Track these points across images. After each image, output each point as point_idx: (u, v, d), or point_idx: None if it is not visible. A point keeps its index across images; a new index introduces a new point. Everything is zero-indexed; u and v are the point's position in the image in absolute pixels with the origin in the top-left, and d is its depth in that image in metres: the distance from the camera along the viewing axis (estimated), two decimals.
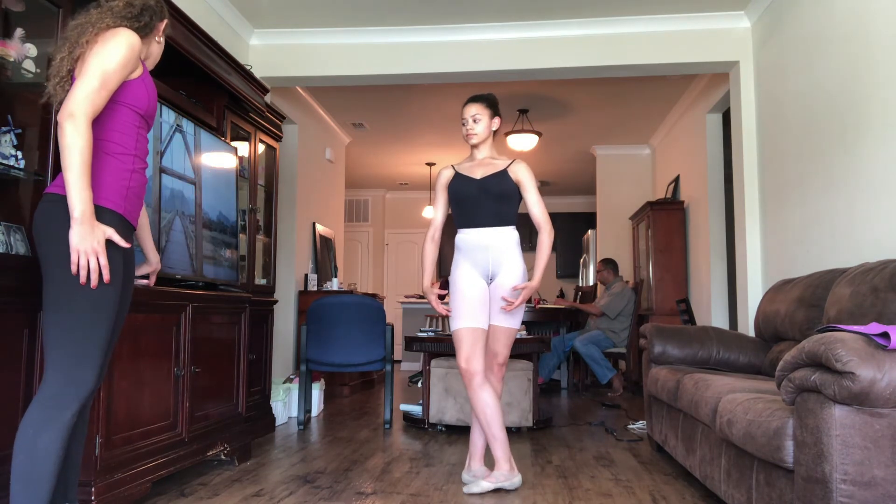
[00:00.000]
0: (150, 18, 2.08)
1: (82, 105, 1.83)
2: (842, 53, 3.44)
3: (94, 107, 1.87)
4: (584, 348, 6.51)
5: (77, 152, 1.81)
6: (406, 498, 2.85)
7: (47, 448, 1.80)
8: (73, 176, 1.80)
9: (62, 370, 1.84)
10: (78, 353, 1.86)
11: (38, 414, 1.82)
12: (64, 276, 1.85)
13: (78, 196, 1.81)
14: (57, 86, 1.96)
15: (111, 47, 1.92)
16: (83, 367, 1.86)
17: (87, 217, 1.82)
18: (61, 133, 1.82)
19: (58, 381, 1.84)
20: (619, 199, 8.31)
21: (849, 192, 3.37)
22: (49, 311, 1.88)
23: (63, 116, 1.82)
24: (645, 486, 3.05)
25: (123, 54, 1.93)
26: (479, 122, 3.09)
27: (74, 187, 1.81)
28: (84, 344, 1.87)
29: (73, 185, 1.81)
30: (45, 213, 1.91)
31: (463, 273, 3.03)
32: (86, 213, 1.82)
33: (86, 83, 1.86)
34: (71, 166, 1.81)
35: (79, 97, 1.84)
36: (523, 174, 3.09)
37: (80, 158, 1.81)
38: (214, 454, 3.21)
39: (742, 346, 3.58)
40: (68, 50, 1.95)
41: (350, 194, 10.72)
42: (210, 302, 3.26)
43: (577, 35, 4.89)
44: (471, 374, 2.94)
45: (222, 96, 3.80)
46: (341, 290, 6.47)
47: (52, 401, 1.83)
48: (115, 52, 1.92)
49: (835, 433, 1.73)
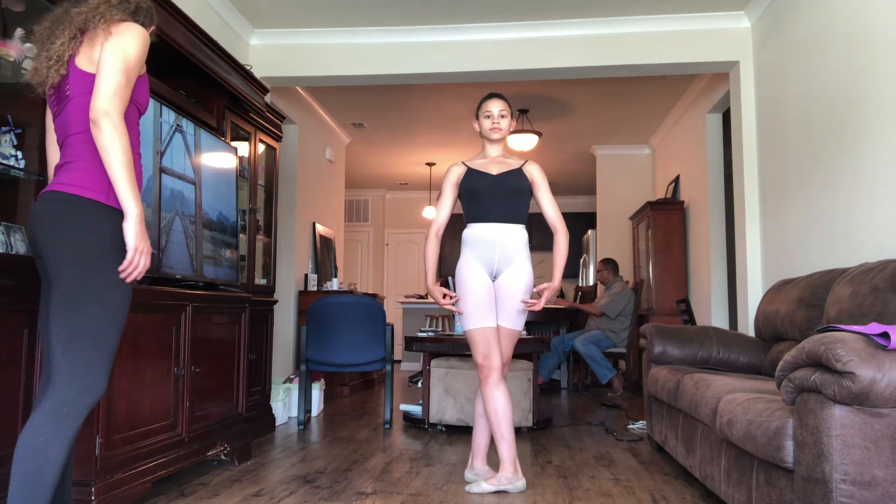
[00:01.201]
0: (143, 19, 2.05)
1: (115, 102, 1.81)
2: (842, 53, 3.44)
3: (124, 103, 1.85)
4: (584, 348, 6.51)
5: (120, 151, 1.79)
6: (406, 498, 2.85)
7: (57, 457, 1.75)
8: (120, 176, 1.79)
9: (77, 376, 1.79)
10: (93, 358, 1.81)
11: (50, 422, 1.75)
12: (80, 279, 1.81)
13: (130, 195, 1.81)
14: (51, 69, 1.89)
15: (128, 40, 1.89)
16: (97, 374, 1.82)
17: (142, 217, 1.83)
18: (98, 133, 1.79)
19: (73, 388, 1.78)
20: (619, 199, 8.31)
21: (849, 192, 3.37)
22: (62, 314, 1.81)
23: (98, 115, 1.79)
24: (645, 486, 3.05)
25: (141, 48, 1.92)
26: (505, 117, 3.12)
27: (124, 187, 1.80)
28: (100, 349, 1.82)
29: (123, 186, 1.80)
30: (55, 213, 1.84)
31: (470, 269, 3.02)
32: (141, 213, 1.82)
33: (112, 78, 1.82)
34: (116, 166, 1.79)
35: (108, 93, 1.81)
36: (537, 175, 3.12)
37: (125, 157, 1.80)
38: (214, 454, 3.21)
39: (742, 346, 3.58)
40: (69, 36, 1.90)
41: (350, 194, 10.72)
42: (210, 302, 3.26)
43: (577, 35, 4.89)
44: (489, 370, 2.94)
45: (222, 96, 3.80)
46: (341, 290, 6.47)
47: (67, 408, 1.77)
48: (133, 46, 1.89)
49: (835, 433, 1.73)
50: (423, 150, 8.59)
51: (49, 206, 1.85)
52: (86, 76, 1.90)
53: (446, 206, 3.17)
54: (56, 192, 1.86)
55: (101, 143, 1.79)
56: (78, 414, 1.78)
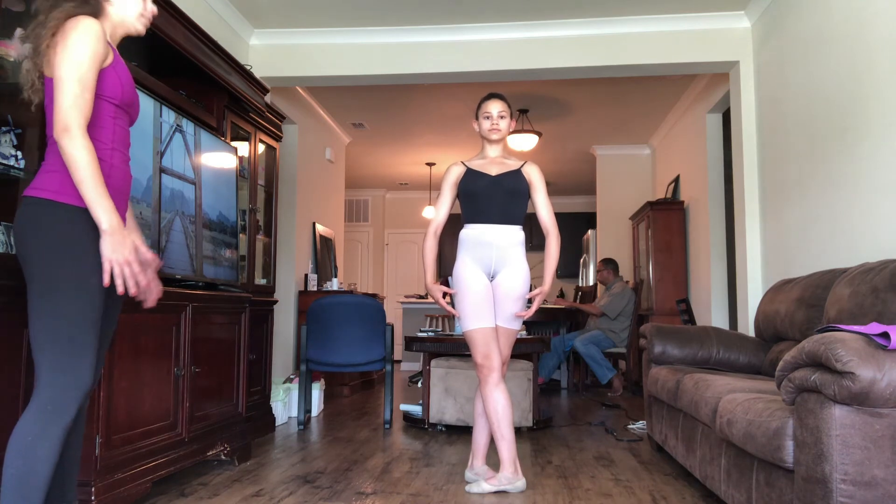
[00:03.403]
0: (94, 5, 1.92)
1: (72, 115, 1.77)
2: (842, 53, 3.44)
3: (84, 113, 1.80)
4: (584, 348, 6.51)
5: (84, 166, 1.77)
6: (406, 498, 2.85)
7: (47, 455, 1.75)
8: (88, 191, 1.77)
9: (56, 374, 1.78)
10: (69, 355, 1.80)
11: (36, 420, 1.76)
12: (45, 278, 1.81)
13: (101, 209, 1.78)
14: (30, 91, 1.90)
15: (75, 42, 1.80)
16: (77, 369, 1.80)
17: (117, 228, 1.81)
18: (62, 151, 1.77)
19: (55, 387, 1.78)
20: (619, 199, 8.31)
21: (849, 192, 3.37)
22: (34, 315, 1.82)
23: (58, 133, 1.77)
24: (645, 486, 3.05)
25: (91, 46, 1.82)
26: (504, 118, 3.12)
27: (94, 202, 1.78)
28: (74, 345, 1.81)
29: (93, 201, 1.78)
30: (25, 217, 1.85)
31: (467, 270, 3.02)
32: (114, 225, 1.80)
33: (67, 91, 1.78)
34: (83, 182, 1.77)
35: (64, 108, 1.77)
36: (536, 176, 3.12)
37: (90, 171, 1.77)
38: (214, 454, 3.21)
39: (742, 346, 3.58)
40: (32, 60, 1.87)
41: (350, 194, 10.72)
42: (210, 302, 3.26)
43: (577, 35, 4.89)
44: (489, 370, 2.94)
45: (222, 96, 3.80)
46: (341, 290, 6.47)
47: (52, 405, 1.77)
48: (81, 47, 1.81)
49: (835, 433, 1.73)
50: (423, 150, 8.59)
51: (22, 210, 1.88)
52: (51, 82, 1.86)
53: (445, 205, 3.17)
54: (29, 196, 1.88)
55: (65, 160, 1.78)
56: (63, 411, 1.78)
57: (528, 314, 3.07)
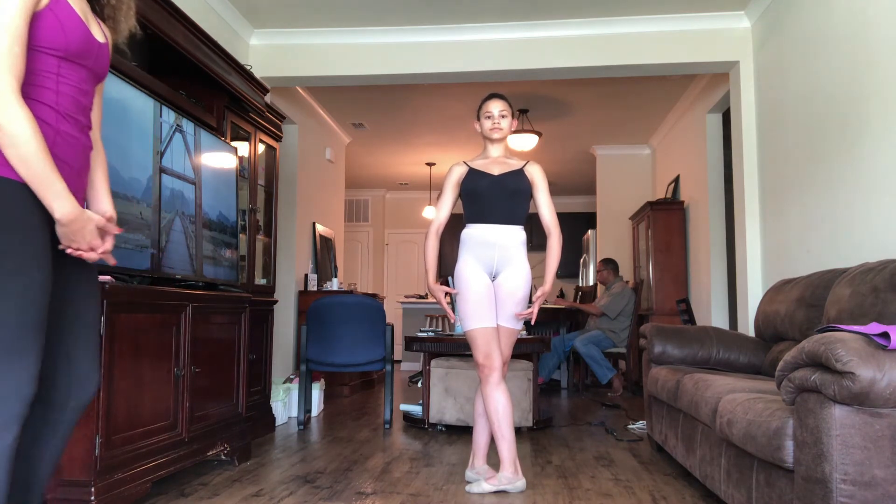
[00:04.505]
0: None
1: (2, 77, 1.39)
2: (842, 53, 3.44)
3: (17, 69, 1.42)
4: (584, 348, 6.51)
5: (24, 141, 1.40)
6: (406, 498, 2.85)
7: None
8: (33, 173, 1.43)
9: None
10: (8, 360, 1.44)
11: None
12: None
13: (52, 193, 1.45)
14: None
15: None
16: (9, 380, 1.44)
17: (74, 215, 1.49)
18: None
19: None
20: (619, 199, 8.31)
21: (849, 192, 3.37)
22: None
23: None
24: (645, 486, 3.05)
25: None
26: (506, 118, 3.12)
27: (43, 186, 1.44)
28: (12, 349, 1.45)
29: (40, 185, 1.44)
30: None
31: (469, 270, 3.02)
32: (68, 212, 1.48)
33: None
34: (25, 161, 1.42)
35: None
36: (538, 176, 3.12)
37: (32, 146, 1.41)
38: (214, 454, 3.21)
39: (742, 346, 3.58)
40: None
41: (350, 194, 10.72)
42: (210, 302, 3.26)
43: (577, 35, 4.89)
44: (490, 370, 2.94)
45: (222, 96, 3.80)
46: (341, 290, 6.47)
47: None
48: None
49: (835, 433, 1.73)
50: (423, 150, 8.59)
51: None
52: None
53: (446, 205, 3.17)
54: None
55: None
56: (6, 424, 1.45)
57: (529, 314, 3.06)
